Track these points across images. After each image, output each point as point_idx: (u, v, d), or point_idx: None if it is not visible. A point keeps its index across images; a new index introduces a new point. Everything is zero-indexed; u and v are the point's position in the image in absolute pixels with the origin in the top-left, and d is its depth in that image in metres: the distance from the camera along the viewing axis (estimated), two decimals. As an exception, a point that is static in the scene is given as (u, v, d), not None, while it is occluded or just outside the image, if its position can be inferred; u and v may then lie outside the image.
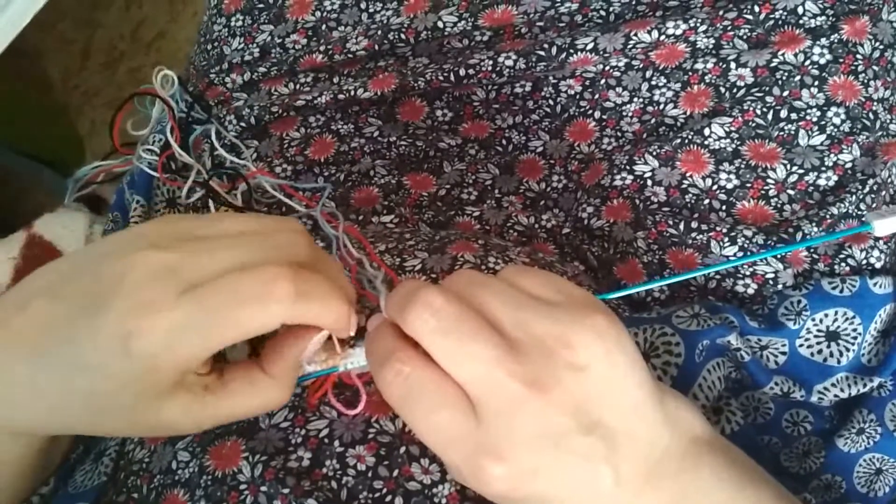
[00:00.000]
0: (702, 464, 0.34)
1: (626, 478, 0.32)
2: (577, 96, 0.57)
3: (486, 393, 0.31)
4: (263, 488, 0.37)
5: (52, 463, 0.43)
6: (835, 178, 0.51)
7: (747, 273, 0.49)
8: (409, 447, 0.38)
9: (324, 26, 0.61)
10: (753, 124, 0.52)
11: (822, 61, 0.52)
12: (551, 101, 0.58)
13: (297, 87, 0.59)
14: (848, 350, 0.47)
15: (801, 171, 0.51)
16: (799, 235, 0.49)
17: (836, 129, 0.51)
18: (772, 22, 0.52)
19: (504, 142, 0.58)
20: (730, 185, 0.51)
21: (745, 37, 0.53)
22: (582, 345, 0.31)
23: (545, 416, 0.31)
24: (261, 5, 0.63)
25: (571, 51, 0.54)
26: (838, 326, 0.47)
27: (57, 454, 0.43)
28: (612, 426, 0.31)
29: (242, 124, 0.59)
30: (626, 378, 0.32)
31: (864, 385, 0.47)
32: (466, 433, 0.31)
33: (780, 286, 0.49)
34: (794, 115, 0.52)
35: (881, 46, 0.53)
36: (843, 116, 0.51)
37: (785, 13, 0.52)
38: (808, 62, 0.52)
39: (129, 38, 1.41)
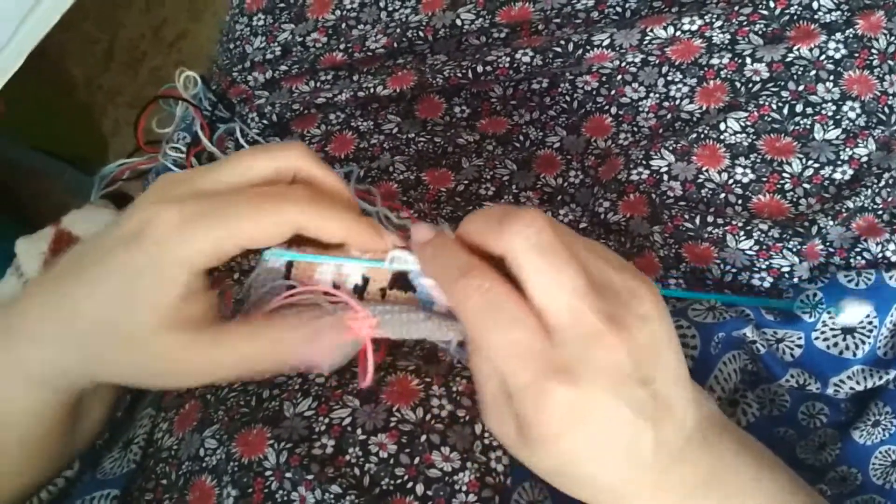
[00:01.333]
0: (723, 447, 0.35)
1: (662, 445, 0.32)
2: (594, 92, 0.58)
3: (567, 319, 0.31)
4: (288, 474, 0.38)
5: (78, 440, 0.44)
6: (850, 172, 0.51)
7: (763, 267, 0.49)
8: (429, 436, 0.39)
9: (343, 25, 0.62)
10: (769, 119, 0.52)
11: (838, 56, 0.52)
12: (568, 97, 0.59)
13: (318, 84, 0.60)
14: (864, 343, 0.48)
15: (816, 165, 0.51)
16: (814, 229, 0.49)
17: (851, 124, 0.52)
18: (787, 17, 0.53)
19: (521, 137, 0.59)
20: (745, 180, 0.51)
21: (760, 32, 0.53)
22: (647, 298, 0.32)
23: (616, 354, 0.31)
24: (282, 4, 0.64)
25: (588, 47, 0.55)
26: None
27: (82, 433, 0.44)
28: (660, 389, 0.32)
29: (265, 122, 0.60)
30: (672, 345, 0.33)
31: (880, 378, 0.47)
32: (540, 352, 0.31)
33: (795, 279, 0.49)
34: (809, 110, 0.52)
35: (896, 41, 0.53)
36: (858, 111, 0.52)
37: (800, 8, 0.52)
38: (823, 57, 0.52)
39: (151, 38, 1.43)
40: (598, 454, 0.32)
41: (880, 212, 0.51)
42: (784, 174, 0.51)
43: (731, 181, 0.52)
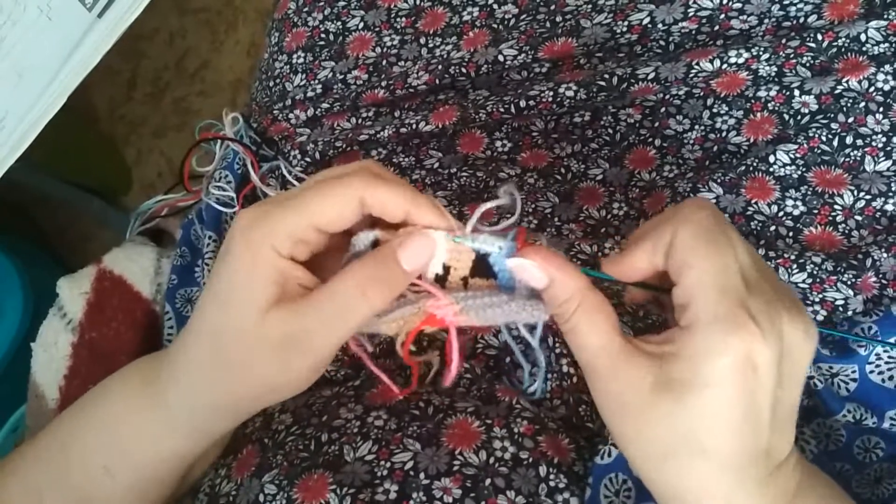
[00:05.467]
0: (809, 488, 0.35)
1: (769, 453, 0.33)
2: (637, 124, 0.58)
3: (756, 277, 0.32)
4: None
5: (185, 486, 0.45)
6: (902, 203, 0.51)
7: (817, 300, 0.49)
8: (494, 479, 0.39)
9: (384, 62, 0.63)
10: (819, 151, 0.52)
11: (887, 87, 0.52)
12: (610, 130, 0.59)
13: (360, 121, 0.61)
14: (920, 376, 0.47)
15: (868, 197, 0.51)
16: (868, 261, 0.49)
17: (902, 155, 0.51)
18: (835, 49, 0.53)
19: (563, 170, 0.59)
20: (796, 212, 0.51)
21: (808, 64, 0.53)
22: (800, 320, 0.33)
23: (792, 336, 0.32)
24: (321, 42, 0.65)
25: (633, 80, 0.55)
26: None
27: (190, 479, 0.45)
28: (784, 400, 0.33)
29: (307, 159, 0.60)
30: (805, 375, 0.34)
31: (938, 410, 0.47)
32: (738, 289, 0.32)
33: (849, 312, 0.49)
34: (859, 142, 0.52)
35: (945, 72, 0.53)
36: (909, 142, 0.52)
37: (848, 41, 0.52)
38: (872, 89, 0.52)
39: (173, 69, 1.44)
40: (734, 424, 0.32)
41: None
42: (835, 206, 0.51)
43: (781, 214, 0.51)
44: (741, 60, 0.53)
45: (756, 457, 0.33)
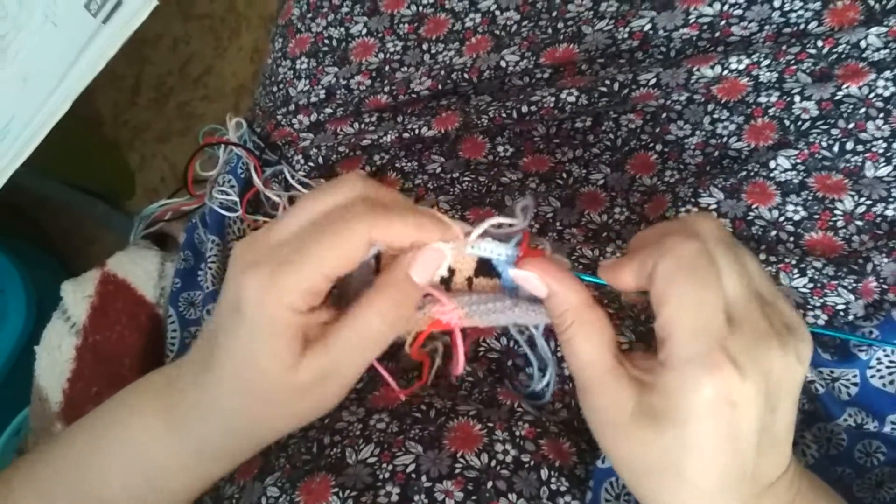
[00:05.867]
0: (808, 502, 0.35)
1: (759, 475, 0.33)
2: (638, 130, 0.58)
3: (743, 313, 0.32)
4: None
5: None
6: (902, 209, 0.51)
7: (818, 304, 0.49)
8: (495, 482, 0.39)
9: (387, 67, 0.63)
10: (819, 156, 0.52)
11: (887, 93, 0.52)
12: (612, 135, 0.59)
13: (363, 126, 0.61)
14: (920, 380, 0.47)
15: (868, 203, 0.51)
16: (869, 266, 0.49)
17: (902, 161, 0.52)
18: (835, 56, 0.53)
19: (564, 175, 0.59)
20: (797, 217, 0.51)
21: (808, 70, 0.53)
22: (806, 338, 0.33)
23: (775, 365, 0.32)
24: (325, 48, 0.65)
25: (634, 86, 0.55)
26: None
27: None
28: (778, 422, 0.33)
29: (310, 164, 0.61)
30: (798, 394, 0.34)
31: (939, 415, 0.47)
32: (718, 329, 0.31)
33: (850, 317, 0.49)
34: (860, 147, 0.52)
35: (945, 78, 0.53)
36: (909, 148, 0.52)
37: (848, 47, 0.53)
38: (872, 95, 0.52)
39: (177, 74, 1.45)
40: (712, 455, 0.32)
41: None
42: (836, 211, 0.51)
43: (782, 218, 0.52)
44: (742, 66, 0.54)
45: (740, 482, 0.33)
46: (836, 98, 0.53)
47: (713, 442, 0.32)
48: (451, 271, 0.39)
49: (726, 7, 0.56)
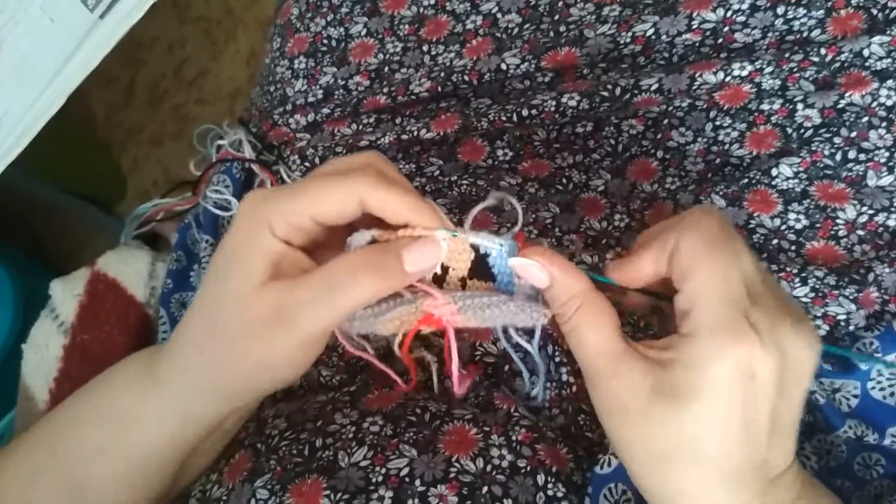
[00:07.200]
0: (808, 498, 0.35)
1: (766, 464, 0.32)
2: (640, 136, 0.58)
3: (762, 289, 0.32)
4: None
5: (180, 480, 0.44)
6: (905, 218, 0.51)
7: (819, 314, 0.48)
8: (491, 487, 0.38)
9: (386, 68, 0.62)
10: (822, 165, 0.52)
11: (889, 103, 0.52)
12: (612, 141, 0.58)
13: (361, 127, 0.60)
14: (921, 392, 0.47)
15: (870, 212, 0.50)
16: (870, 276, 0.48)
17: (904, 170, 0.51)
18: (838, 64, 0.53)
19: (564, 180, 0.59)
20: (799, 226, 0.51)
21: (811, 78, 0.53)
22: (804, 332, 0.33)
23: (796, 342, 0.32)
24: (324, 48, 0.64)
25: (636, 91, 0.55)
26: None
27: (186, 474, 0.44)
28: (785, 411, 0.32)
29: (307, 164, 0.60)
30: (806, 388, 0.33)
31: (940, 428, 0.46)
32: (740, 300, 0.32)
33: (851, 327, 0.48)
34: (862, 156, 0.52)
35: (947, 88, 0.53)
36: (911, 157, 0.52)
37: (851, 56, 0.52)
38: (875, 104, 0.52)
39: (171, 77, 1.44)
40: (730, 431, 0.32)
41: None
42: (838, 220, 0.51)
43: (783, 227, 0.51)
44: (745, 73, 0.53)
45: (752, 468, 0.32)
46: (839, 106, 0.52)
47: (734, 418, 0.31)
48: (445, 269, 0.38)
49: (730, 13, 0.56)
